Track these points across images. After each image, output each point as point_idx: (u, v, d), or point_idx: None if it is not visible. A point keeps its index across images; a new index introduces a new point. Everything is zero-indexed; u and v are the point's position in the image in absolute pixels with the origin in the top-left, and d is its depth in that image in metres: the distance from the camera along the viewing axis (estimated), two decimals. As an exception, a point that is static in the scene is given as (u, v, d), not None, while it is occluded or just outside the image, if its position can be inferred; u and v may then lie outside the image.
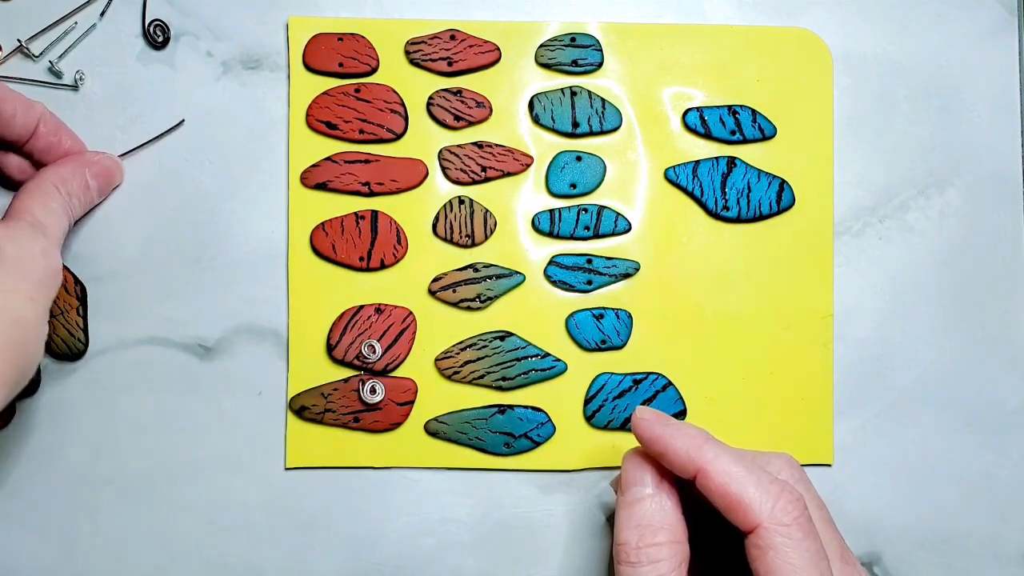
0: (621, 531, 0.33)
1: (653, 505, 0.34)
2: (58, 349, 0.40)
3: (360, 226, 0.40)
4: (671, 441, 0.33)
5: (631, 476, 0.34)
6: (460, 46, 0.41)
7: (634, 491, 0.34)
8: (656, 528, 0.33)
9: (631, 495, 0.34)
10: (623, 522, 0.34)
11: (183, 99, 0.41)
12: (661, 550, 0.32)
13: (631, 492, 0.34)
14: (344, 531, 0.40)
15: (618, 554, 0.33)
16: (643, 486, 0.34)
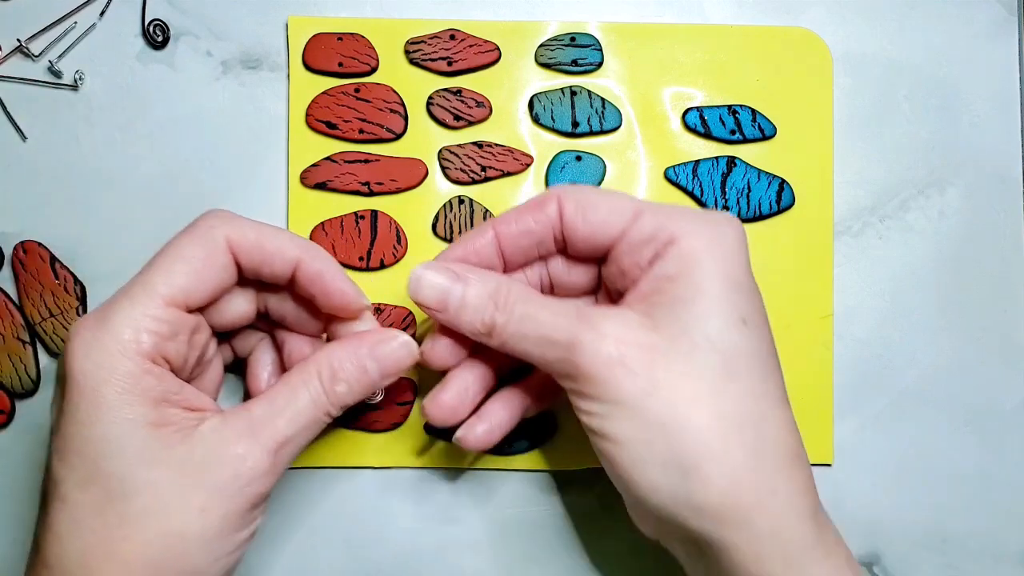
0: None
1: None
2: (58, 349, 0.40)
3: (360, 226, 0.40)
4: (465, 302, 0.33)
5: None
6: (460, 46, 0.41)
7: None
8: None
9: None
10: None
11: (183, 99, 0.41)
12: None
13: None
14: (344, 531, 0.40)
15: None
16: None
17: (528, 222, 0.34)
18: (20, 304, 0.40)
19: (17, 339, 0.40)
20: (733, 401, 0.30)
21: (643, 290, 0.32)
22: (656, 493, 0.30)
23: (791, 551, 0.30)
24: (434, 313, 0.34)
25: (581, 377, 0.31)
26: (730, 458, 0.30)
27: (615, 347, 0.31)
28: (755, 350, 0.31)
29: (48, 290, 0.40)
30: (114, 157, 0.40)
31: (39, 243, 0.40)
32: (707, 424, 0.30)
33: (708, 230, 0.32)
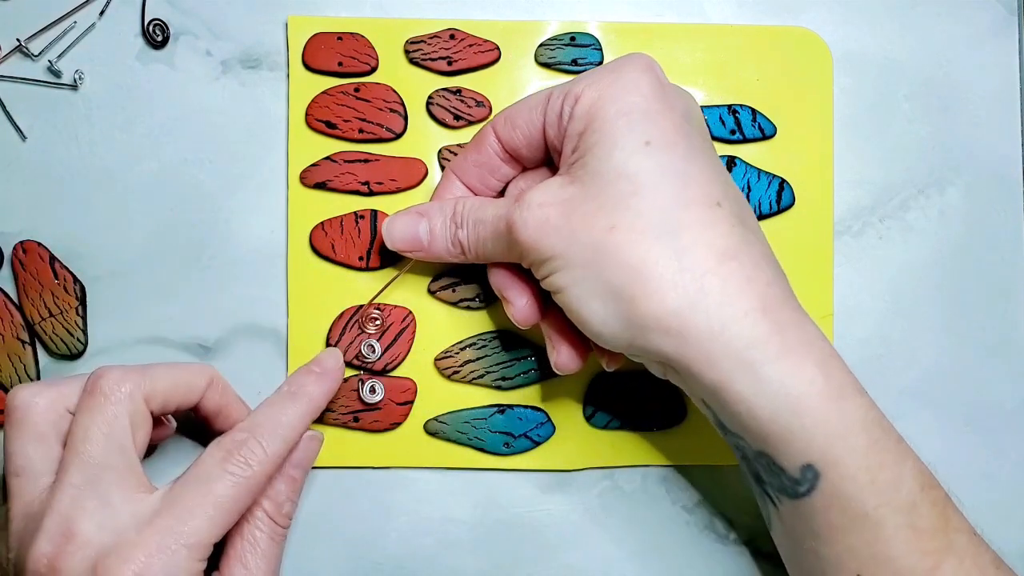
0: None
1: None
2: (57, 349, 0.40)
3: (359, 225, 0.40)
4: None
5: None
6: (460, 45, 0.41)
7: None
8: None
9: None
10: None
11: (182, 98, 0.41)
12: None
13: None
14: (344, 531, 0.40)
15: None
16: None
17: (475, 157, 0.37)
18: (20, 304, 0.40)
19: (17, 339, 0.40)
20: (643, 218, 0.31)
21: (566, 154, 0.34)
22: (606, 324, 0.32)
23: (735, 350, 0.31)
24: (414, 254, 0.37)
25: (524, 250, 0.33)
26: (652, 270, 0.31)
27: (538, 211, 0.33)
28: (664, 165, 0.32)
29: (48, 290, 0.40)
30: (114, 156, 0.40)
31: (39, 243, 0.40)
32: (622, 247, 0.31)
33: (606, 77, 0.33)
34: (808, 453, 0.31)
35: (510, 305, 0.36)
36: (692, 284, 0.31)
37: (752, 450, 0.32)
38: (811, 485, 0.31)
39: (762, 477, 0.33)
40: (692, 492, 0.41)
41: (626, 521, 0.41)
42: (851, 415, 0.31)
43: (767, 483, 0.33)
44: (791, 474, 0.31)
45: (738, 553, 0.41)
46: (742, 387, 0.31)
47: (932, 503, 0.31)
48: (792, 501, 0.32)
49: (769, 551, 0.41)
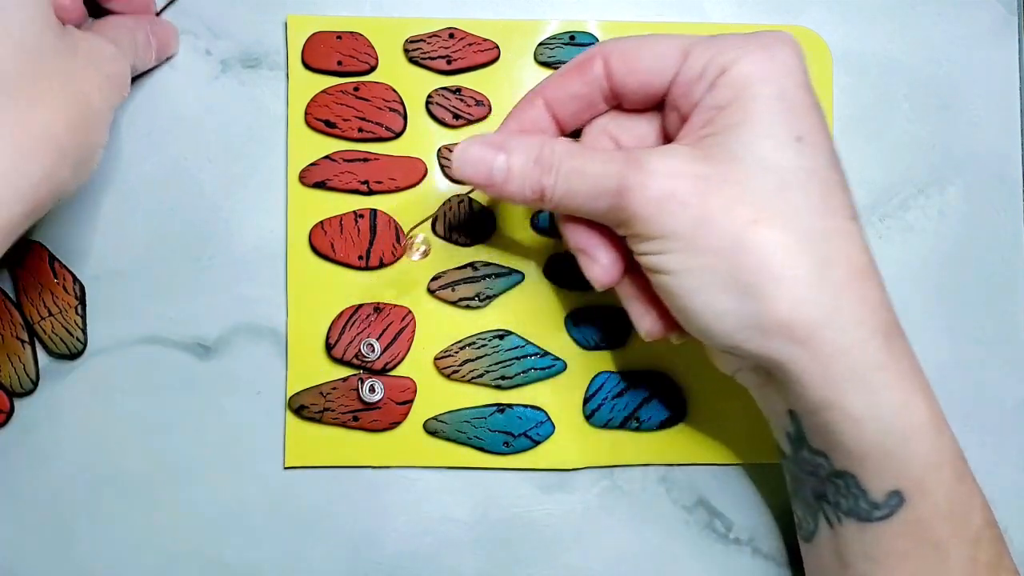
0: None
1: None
2: (57, 348, 0.40)
3: (359, 225, 0.40)
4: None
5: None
6: (459, 44, 0.41)
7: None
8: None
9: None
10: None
11: (182, 98, 0.41)
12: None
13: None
14: (343, 530, 0.40)
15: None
16: None
17: (575, 85, 0.34)
18: (19, 303, 0.40)
19: (16, 338, 0.40)
20: (791, 219, 0.30)
21: (695, 124, 0.31)
22: (721, 320, 0.30)
23: (859, 371, 0.30)
24: (482, 188, 0.33)
25: (634, 220, 0.31)
26: (791, 275, 0.29)
27: (665, 182, 0.30)
28: (813, 167, 0.31)
29: (47, 289, 0.40)
30: (113, 156, 0.40)
31: (38, 242, 0.40)
32: (766, 244, 0.30)
33: (760, 53, 0.31)
34: (900, 480, 0.31)
35: (592, 263, 0.34)
36: (829, 298, 0.30)
37: (832, 469, 0.32)
38: (891, 511, 0.31)
39: (827, 496, 0.33)
40: (692, 491, 0.41)
41: (625, 521, 0.41)
42: (946, 447, 0.31)
43: (833, 503, 0.32)
44: (873, 497, 0.31)
45: (737, 553, 0.41)
46: (856, 408, 0.30)
47: (992, 539, 0.32)
48: (859, 524, 0.32)
49: (769, 551, 0.41)
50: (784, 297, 0.29)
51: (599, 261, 0.34)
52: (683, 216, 0.30)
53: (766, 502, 0.41)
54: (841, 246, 0.31)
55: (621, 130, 0.35)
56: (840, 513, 0.32)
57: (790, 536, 0.41)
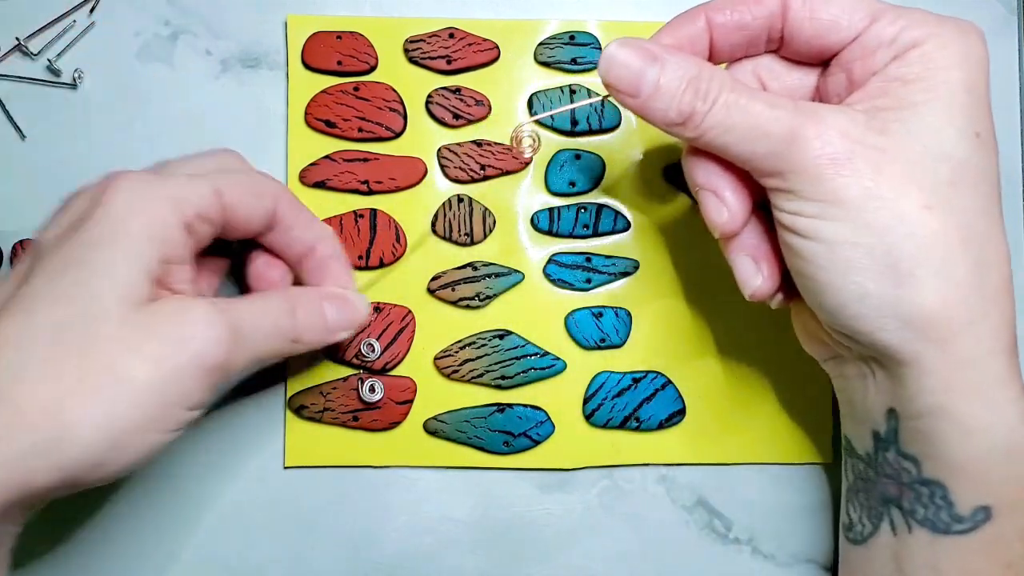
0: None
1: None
2: (56, 348, 0.39)
3: (359, 224, 0.40)
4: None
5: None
6: (459, 44, 0.41)
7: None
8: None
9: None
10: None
11: (182, 98, 0.41)
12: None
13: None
14: (343, 530, 0.40)
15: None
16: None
17: (745, 14, 0.32)
18: (19, 303, 0.40)
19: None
20: (959, 214, 0.29)
21: (870, 91, 0.30)
22: (862, 301, 0.29)
23: (984, 383, 0.29)
24: (624, 98, 0.31)
25: (797, 174, 0.29)
26: (951, 271, 0.28)
27: (841, 143, 0.29)
28: (985, 166, 0.30)
29: (47, 289, 0.39)
30: (113, 155, 0.40)
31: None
32: (932, 232, 0.28)
33: (956, 37, 0.30)
34: (992, 496, 0.30)
35: (720, 206, 0.32)
36: (979, 304, 0.29)
37: (919, 476, 0.31)
38: (974, 526, 0.30)
39: (902, 502, 0.32)
40: (691, 491, 0.41)
41: (625, 520, 0.41)
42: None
43: (908, 510, 0.31)
44: (958, 511, 0.30)
45: (737, 552, 0.41)
46: (972, 420, 0.29)
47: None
48: (932, 535, 0.31)
49: (769, 551, 0.41)
50: (938, 293, 0.28)
51: (728, 205, 0.31)
52: (855, 184, 0.28)
53: (766, 502, 0.41)
54: (995, 252, 0.30)
55: (771, 77, 0.33)
56: (913, 521, 0.31)
57: (790, 537, 0.41)
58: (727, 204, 0.32)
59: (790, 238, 0.30)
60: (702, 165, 0.32)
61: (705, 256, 0.41)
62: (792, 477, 0.41)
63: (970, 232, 0.29)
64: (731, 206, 0.32)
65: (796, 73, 0.33)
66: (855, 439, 0.34)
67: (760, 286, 0.33)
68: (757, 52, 0.33)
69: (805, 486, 0.41)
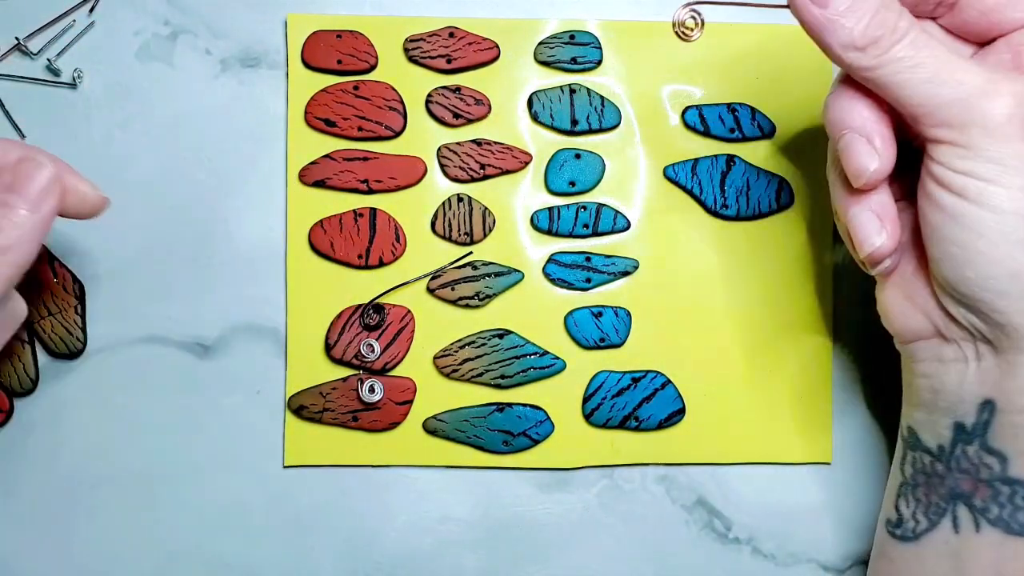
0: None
1: None
2: (56, 348, 0.40)
3: (359, 224, 0.40)
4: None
5: None
6: (459, 43, 0.40)
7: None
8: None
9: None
10: None
11: (182, 97, 0.41)
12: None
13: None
14: (342, 529, 0.40)
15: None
16: None
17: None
18: (19, 302, 0.40)
19: (16, 338, 0.39)
20: None
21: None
22: (1015, 278, 0.28)
23: None
24: (808, 6, 0.29)
25: (983, 128, 0.28)
26: None
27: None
28: None
29: (47, 289, 0.40)
30: (113, 155, 0.40)
31: (38, 241, 0.40)
32: None
33: None
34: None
35: (869, 150, 0.30)
36: None
37: (1003, 474, 0.30)
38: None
39: (973, 499, 0.30)
40: (691, 491, 0.41)
41: (625, 520, 0.41)
42: None
43: (980, 508, 0.30)
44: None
45: (737, 552, 0.41)
46: None
47: None
48: (1005, 535, 0.30)
49: (768, 551, 0.41)
50: None
51: (879, 151, 0.30)
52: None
53: (766, 502, 0.41)
54: None
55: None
56: (984, 519, 0.30)
57: (790, 536, 0.41)
58: (878, 151, 0.30)
59: (949, 199, 0.29)
60: (857, 106, 0.30)
61: (705, 256, 0.41)
62: (792, 477, 0.41)
63: None
64: (882, 154, 0.30)
65: (954, 45, 0.32)
66: (925, 430, 0.32)
67: (882, 245, 0.31)
68: (923, 14, 0.32)
69: (805, 486, 0.41)
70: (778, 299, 0.41)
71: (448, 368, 0.40)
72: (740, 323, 0.41)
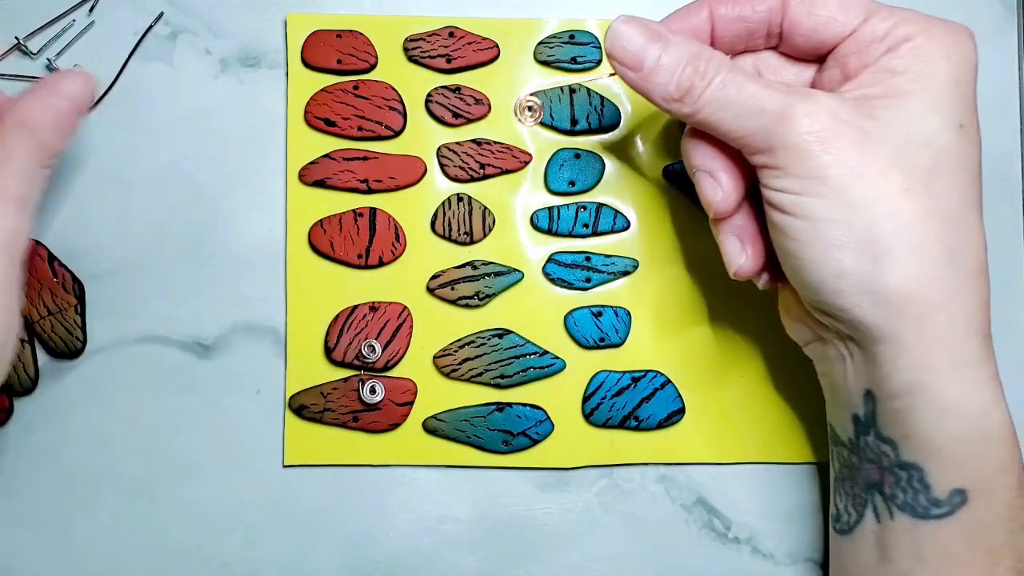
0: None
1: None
2: (56, 347, 0.40)
3: (358, 223, 0.40)
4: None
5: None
6: (459, 43, 0.40)
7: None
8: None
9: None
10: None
11: (181, 97, 0.41)
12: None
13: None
14: (342, 529, 0.40)
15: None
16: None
17: (746, 7, 0.33)
18: (18, 302, 0.40)
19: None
20: (937, 199, 0.30)
21: (863, 81, 0.32)
22: (841, 277, 0.30)
23: (958, 362, 0.30)
24: (626, 72, 0.33)
25: (786, 149, 0.30)
26: (926, 251, 0.30)
27: (829, 122, 0.30)
28: (966, 156, 0.31)
29: (47, 288, 0.40)
30: (112, 155, 0.40)
31: (37, 241, 0.40)
32: (910, 213, 0.30)
33: (945, 34, 0.31)
34: (968, 479, 0.31)
35: (715, 186, 0.33)
36: (952, 285, 0.30)
37: (898, 459, 0.32)
38: (951, 510, 0.31)
39: (883, 487, 0.32)
40: (691, 491, 0.41)
41: (625, 519, 0.41)
42: (1016, 455, 0.31)
43: (889, 495, 0.32)
44: (935, 494, 0.31)
45: (736, 551, 0.41)
46: (946, 398, 0.30)
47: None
48: (913, 520, 0.32)
49: (768, 550, 0.41)
50: (912, 271, 0.30)
51: (722, 185, 0.33)
52: (840, 162, 0.30)
53: (765, 501, 0.41)
54: (971, 238, 0.31)
55: (770, 72, 0.35)
56: (894, 507, 0.32)
57: (789, 536, 0.41)
58: (722, 184, 0.33)
59: (776, 215, 0.31)
60: (700, 147, 0.33)
61: (705, 256, 0.41)
62: (792, 477, 0.41)
63: (947, 217, 0.30)
64: (725, 186, 0.33)
65: (794, 68, 0.35)
66: (838, 426, 0.35)
67: (743, 264, 0.34)
68: (757, 47, 0.35)
69: (805, 485, 0.41)
70: (778, 298, 0.41)
71: (448, 368, 0.40)
72: (739, 322, 0.41)
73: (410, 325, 0.40)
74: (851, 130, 0.30)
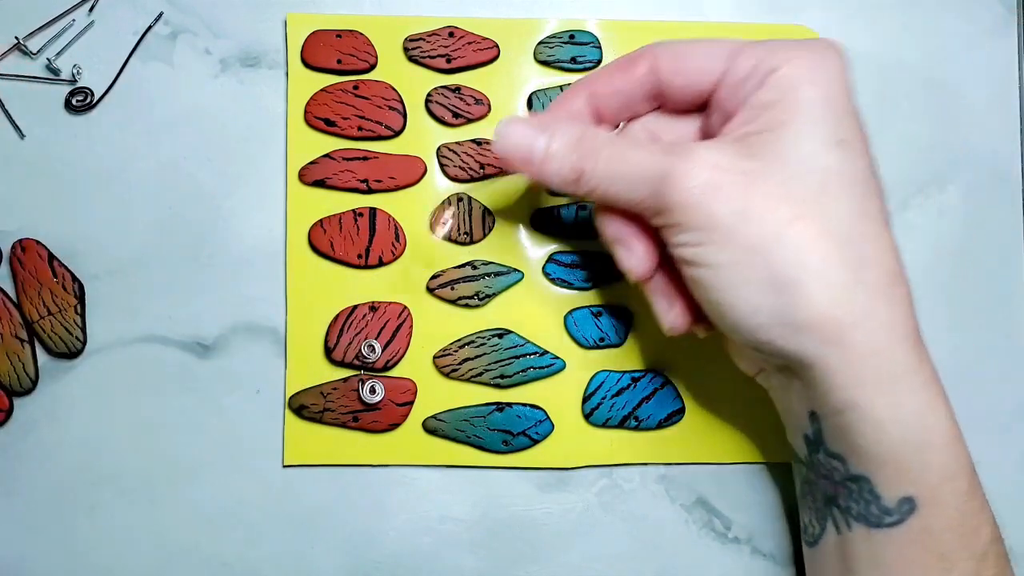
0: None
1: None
2: (56, 347, 0.40)
3: (358, 223, 0.40)
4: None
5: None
6: (459, 43, 0.40)
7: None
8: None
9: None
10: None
11: (181, 97, 0.41)
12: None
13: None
14: (342, 529, 0.40)
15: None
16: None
17: (619, 81, 0.34)
18: (18, 302, 0.40)
19: (15, 337, 0.40)
20: (831, 220, 0.30)
21: (739, 121, 0.32)
22: (755, 314, 0.31)
23: (885, 374, 0.30)
24: (521, 167, 0.34)
25: (674, 208, 0.31)
26: (829, 274, 0.30)
27: (708, 173, 0.31)
28: (853, 171, 0.31)
29: (46, 288, 0.40)
30: (112, 155, 0.40)
31: (37, 241, 0.40)
32: (805, 242, 0.30)
33: (808, 57, 0.32)
34: (914, 486, 0.31)
35: (629, 253, 0.34)
36: (863, 300, 0.30)
37: (847, 473, 0.32)
38: (901, 518, 0.31)
39: (838, 501, 0.33)
40: (691, 491, 0.41)
41: (625, 519, 0.41)
42: (962, 458, 0.31)
43: (844, 508, 0.33)
44: (885, 503, 0.31)
45: (736, 552, 0.41)
46: (880, 410, 0.30)
47: (997, 555, 0.32)
48: (868, 529, 0.32)
49: (768, 551, 0.41)
50: (818, 296, 0.30)
51: (635, 251, 0.34)
52: (725, 208, 0.30)
53: (765, 501, 0.41)
54: (876, 250, 0.31)
55: (662, 130, 0.35)
56: (850, 518, 0.33)
57: (789, 536, 0.41)
58: (635, 252, 0.34)
59: (685, 269, 0.32)
60: (609, 220, 0.35)
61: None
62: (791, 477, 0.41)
63: (845, 235, 0.30)
64: (638, 253, 0.34)
65: (682, 123, 0.35)
66: (795, 445, 0.36)
67: (674, 320, 0.35)
68: (643, 111, 0.35)
69: (804, 485, 0.41)
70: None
71: (448, 368, 0.40)
72: (740, 323, 0.41)
73: (410, 325, 0.40)
74: (732, 175, 0.31)
